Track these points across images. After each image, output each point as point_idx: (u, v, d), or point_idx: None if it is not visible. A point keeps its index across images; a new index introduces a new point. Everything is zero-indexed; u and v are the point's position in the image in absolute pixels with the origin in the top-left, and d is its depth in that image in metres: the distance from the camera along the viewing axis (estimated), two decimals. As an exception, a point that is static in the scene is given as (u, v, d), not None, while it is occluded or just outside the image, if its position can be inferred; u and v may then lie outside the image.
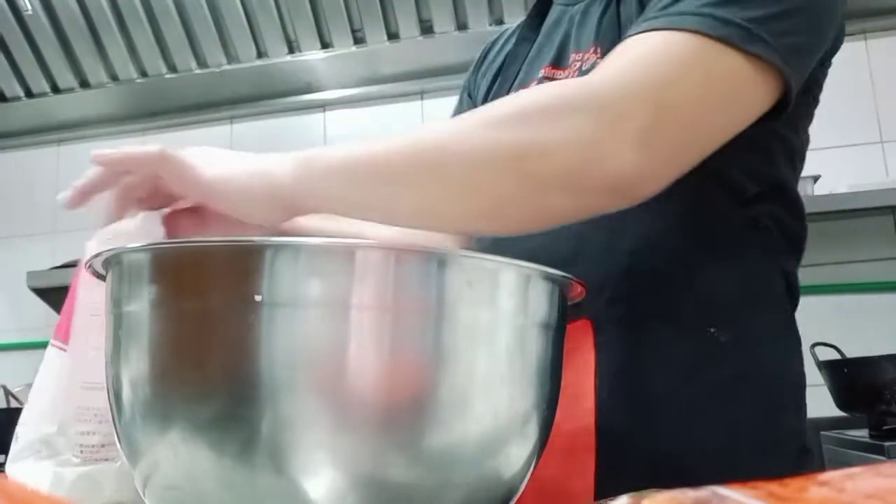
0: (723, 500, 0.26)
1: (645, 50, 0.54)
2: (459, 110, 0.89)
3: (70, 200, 0.56)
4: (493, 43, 0.90)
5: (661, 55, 0.53)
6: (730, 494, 0.27)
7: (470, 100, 0.88)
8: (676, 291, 0.66)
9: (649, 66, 0.53)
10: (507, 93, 0.77)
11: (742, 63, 0.54)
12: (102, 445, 0.54)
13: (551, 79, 0.72)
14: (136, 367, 0.37)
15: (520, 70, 0.79)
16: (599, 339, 0.64)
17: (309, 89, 2.13)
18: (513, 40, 0.84)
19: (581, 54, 0.71)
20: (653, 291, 0.65)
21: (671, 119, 0.53)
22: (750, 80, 0.55)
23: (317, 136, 2.16)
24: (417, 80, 2.08)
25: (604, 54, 0.63)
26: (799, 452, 0.67)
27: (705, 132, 0.56)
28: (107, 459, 0.54)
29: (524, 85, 0.76)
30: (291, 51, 2.07)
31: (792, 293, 0.72)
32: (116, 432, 0.40)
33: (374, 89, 2.11)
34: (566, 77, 0.71)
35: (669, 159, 0.54)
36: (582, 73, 0.69)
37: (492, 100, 0.79)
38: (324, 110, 2.17)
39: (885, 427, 1.47)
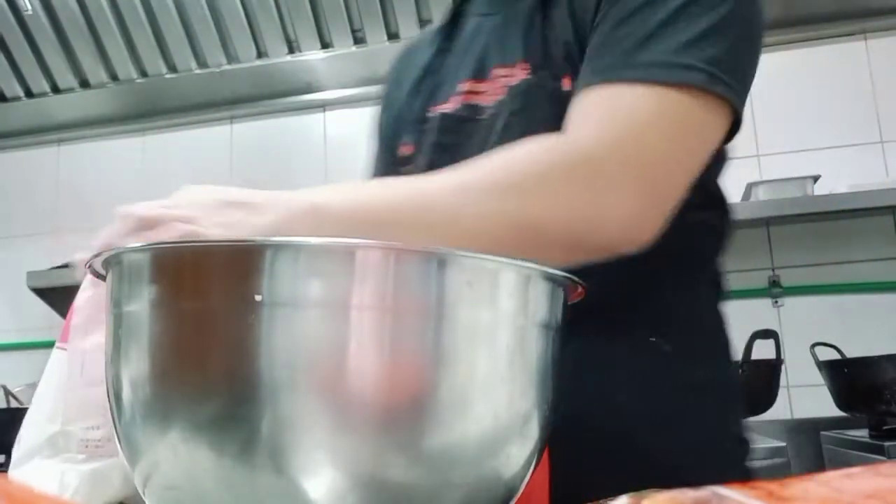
0: (723, 499, 0.26)
1: (623, 106, 0.57)
2: (377, 128, 0.90)
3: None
4: (407, 54, 0.90)
5: (640, 112, 0.57)
6: (730, 494, 0.27)
7: (385, 115, 0.89)
8: (619, 304, 0.66)
9: (633, 125, 0.57)
10: (426, 107, 0.78)
11: (707, 105, 0.58)
12: (108, 440, 0.54)
13: (474, 92, 0.74)
14: (136, 367, 0.37)
15: (438, 82, 0.79)
16: None
17: (309, 89, 2.13)
18: (429, 52, 0.83)
19: (507, 69, 0.71)
20: (597, 306, 0.65)
21: (657, 176, 0.57)
22: (715, 119, 0.60)
23: (317, 136, 2.17)
24: (417, 80, 2.08)
25: (534, 70, 0.67)
26: (746, 450, 0.70)
27: (684, 177, 0.59)
28: (112, 455, 0.54)
29: (444, 99, 0.76)
30: (291, 51, 2.07)
31: (719, 291, 0.74)
32: (116, 432, 0.40)
33: (374, 89, 2.09)
34: (488, 90, 0.72)
35: (657, 212, 0.58)
36: (511, 89, 0.70)
37: (408, 112, 0.80)
38: (324, 110, 2.18)
39: (885, 427, 1.47)
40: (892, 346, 1.48)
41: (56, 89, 2.22)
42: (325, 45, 2.07)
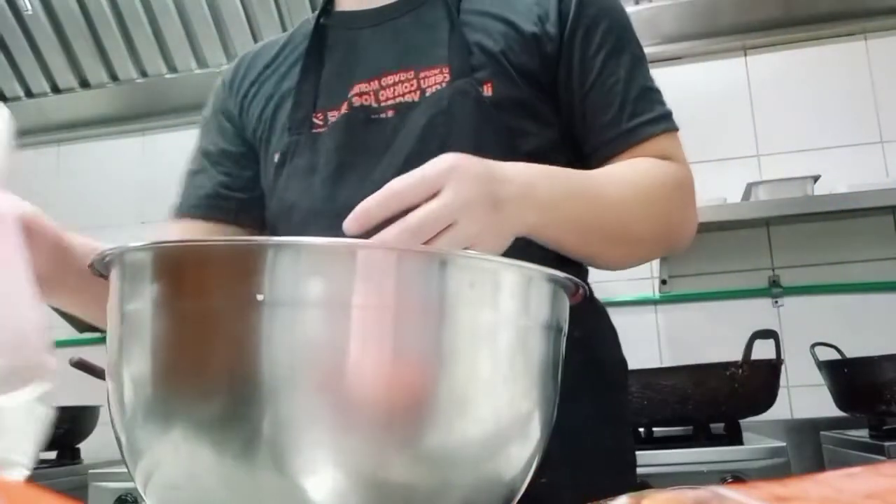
0: (723, 500, 0.26)
1: (678, 147, 0.77)
2: (213, 137, 0.91)
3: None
4: (253, 66, 0.91)
5: (680, 151, 0.77)
6: (730, 494, 0.27)
7: (231, 126, 0.90)
8: None
9: (684, 161, 0.77)
10: (312, 115, 0.79)
11: None
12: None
13: (363, 94, 0.77)
14: (139, 366, 0.37)
15: (317, 92, 0.81)
16: None
17: (309, 89, 2.13)
18: (291, 66, 0.85)
19: (418, 71, 0.76)
20: None
21: None
22: None
23: (317, 136, 2.17)
24: (417, 80, 2.08)
25: (455, 75, 0.74)
26: (627, 425, 0.87)
27: None
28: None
29: (334, 106, 0.78)
30: (291, 51, 2.07)
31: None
32: (116, 431, 0.40)
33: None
34: (379, 92, 0.76)
35: None
36: (431, 92, 0.74)
37: (293, 123, 0.81)
38: (324, 110, 2.18)
39: (885, 427, 1.47)
40: (892, 346, 1.48)
41: (56, 89, 2.23)
42: (325, 45, 2.07)
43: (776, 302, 1.89)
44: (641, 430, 1.59)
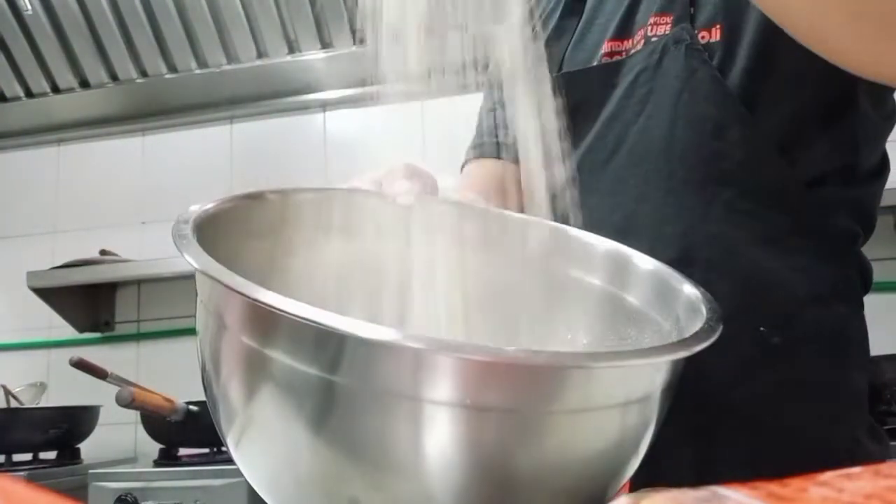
0: (723, 500, 0.26)
1: None
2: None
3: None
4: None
5: None
6: (730, 494, 0.27)
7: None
8: (726, 285, 0.58)
9: None
10: (557, 72, 0.70)
11: None
12: None
13: (617, 53, 0.67)
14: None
15: (568, 46, 0.71)
16: None
17: (309, 89, 2.13)
18: (556, 13, 0.74)
19: (654, 17, 0.64)
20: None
21: None
22: None
23: (317, 136, 2.17)
24: (417, 80, 2.08)
25: (675, 22, 0.62)
26: None
27: None
28: None
29: (587, 63, 0.69)
30: (291, 51, 2.07)
31: (866, 284, 0.67)
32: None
33: (374, 89, 2.11)
34: (631, 49, 0.66)
35: None
36: (649, 42, 0.63)
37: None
38: (324, 110, 2.17)
39: (885, 427, 1.47)
40: (892, 346, 1.47)
41: (56, 89, 2.22)
42: (325, 45, 2.07)
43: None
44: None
